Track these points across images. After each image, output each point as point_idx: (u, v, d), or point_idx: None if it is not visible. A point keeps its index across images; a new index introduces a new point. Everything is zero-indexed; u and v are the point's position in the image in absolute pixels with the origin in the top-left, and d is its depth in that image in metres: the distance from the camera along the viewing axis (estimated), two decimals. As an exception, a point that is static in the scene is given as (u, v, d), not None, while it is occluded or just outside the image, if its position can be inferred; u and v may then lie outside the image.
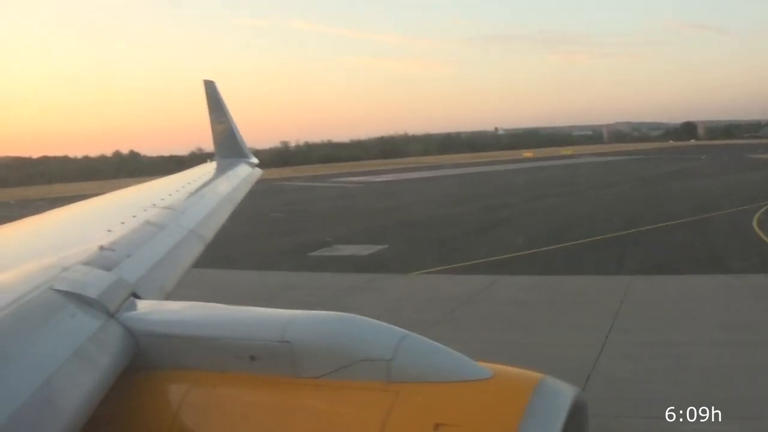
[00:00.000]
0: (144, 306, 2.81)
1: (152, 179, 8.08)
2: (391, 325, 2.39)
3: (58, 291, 2.60)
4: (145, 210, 4.93)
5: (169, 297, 3.41)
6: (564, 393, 2.17)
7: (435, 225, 31.37)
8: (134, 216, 4.62)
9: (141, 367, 2.49)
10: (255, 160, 10.60)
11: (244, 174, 9.01)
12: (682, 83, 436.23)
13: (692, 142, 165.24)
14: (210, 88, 10.80)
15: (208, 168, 9.42)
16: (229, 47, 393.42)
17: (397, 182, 68.17)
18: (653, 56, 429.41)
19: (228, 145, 10.62)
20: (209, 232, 5.26)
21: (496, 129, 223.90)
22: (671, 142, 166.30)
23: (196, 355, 2.44)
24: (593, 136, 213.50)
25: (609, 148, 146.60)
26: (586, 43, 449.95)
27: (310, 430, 2.19)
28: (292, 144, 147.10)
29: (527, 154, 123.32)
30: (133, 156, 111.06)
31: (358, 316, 2.43)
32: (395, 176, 75.72)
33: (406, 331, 2.34)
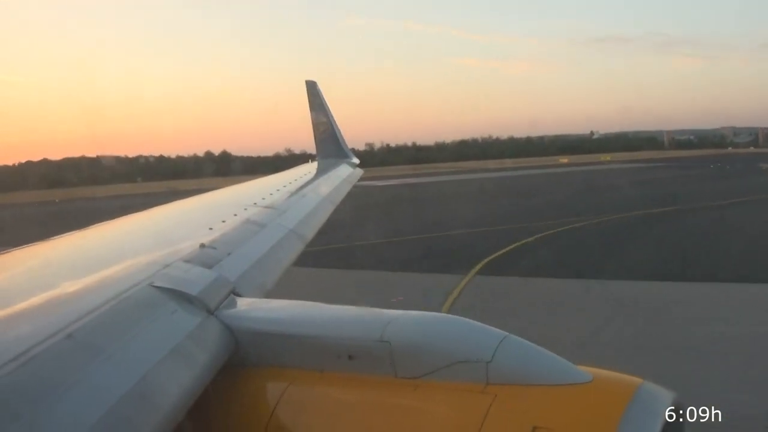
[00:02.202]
0: (243, 304, 2.84)
1: (245, 180, 8.22)
2: (491, 327, 2.36)
3: (159, 288, 2.64)
4: (245, 209, 4.98)
5: (270, 295, 3.42)
6: (662, 398, 2.14)
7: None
8: (235, 215, 4.67)
9: (240, 364, 2.51)
10: (356, 160, 10.68)
11: (345, 174, 8.96)
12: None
13: (751, 149, 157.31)
14: (312, 87, 10.81)
15: (309, 168, 9.36)
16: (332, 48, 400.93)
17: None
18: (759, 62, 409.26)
19: (329, 145, 10.72)
20: (310, 232, 5.26)
21: (591, 133, 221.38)
22: (730, 149, 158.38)
23: (295, 353, 2.46)
24: (689, 141, 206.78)
25: (656, 155, 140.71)
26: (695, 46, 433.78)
27: (407, 430, 2.18)
28: (377, 146, 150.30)
29: (563, 160, 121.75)
30: (225, 156, 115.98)
31: (457, 317, 2.43)
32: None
33: (505, 333, 2.33)
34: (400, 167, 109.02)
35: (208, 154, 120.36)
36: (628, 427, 1.98)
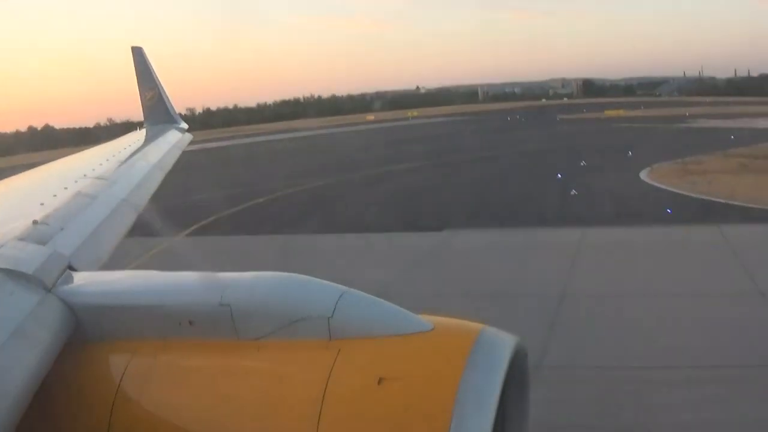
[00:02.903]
0: (80, 279, 2.74)
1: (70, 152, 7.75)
2: (330, 283, 2.37)
3: None
4: (76, 181, 4.86)
5: (106, 268, 3.39)
6: (504, 342, 2.18)
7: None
8: (66, 188, 4.56)
9: (82, 341, 2.43)
10: (184, 125, 10.26)
11: (174, 140, 8.79)
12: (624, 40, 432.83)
13: (564, 100, 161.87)
14: (138, 54, 10.54)
15: (138, 135, 9.14)
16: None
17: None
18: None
19: (157, 111, 10.30)
20: (142, 201, 5.22)
21: (417, 88, 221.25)
22: (544, 101, 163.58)
23: (136, 324, 2.40)
24: (512, 93, 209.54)
25: (468, 109, 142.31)
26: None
27: (253, 391, 2.18)
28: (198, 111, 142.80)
29: (369, 117, 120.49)
30: (48, 130, 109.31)
31: (296, 275, 2.41)
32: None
33: (344, 288, 2.32)
34: (216, 131, 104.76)
35: (32, 129, 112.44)
36: (472, 372, 2.05)
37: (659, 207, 22.17)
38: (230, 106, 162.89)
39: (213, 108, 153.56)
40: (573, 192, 25.91)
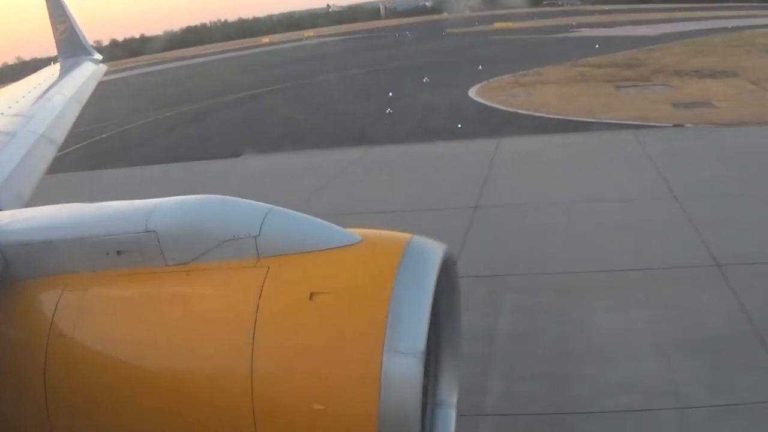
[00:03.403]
0: (5, 216, 2.68)
1: None
2: (254, 202, 2.36)
3: None
4: None
5: (30, 204, 3.29)
6: (433, 250, 2.19)
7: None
8: None
9: (12, 279, 2.39)
10: (98, 56, 9.99)
11: (89, 72, 8.66)
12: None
13: (467, 13, 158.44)
14: None
15: (53, 70, 8.80)
16: None
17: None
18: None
19: (70, 44, 9.92)
20: (60, 135, 5.19)
21: (328, 6, 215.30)
22: (445, 14, 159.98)
23: (64, 258, 2.36)
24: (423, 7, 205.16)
25: (370, 26, 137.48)
26: None
27: (186, 316, 2.17)
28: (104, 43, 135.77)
29: (264, 39, 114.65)
30: None
31: (220, 197, 2.39)
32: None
33: (269, 206, 2.32)
34: (115, 63, 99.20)
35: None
36: (404, 281, 2.06)
37: (457, 121, 21.30)
38: (137, 36, 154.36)
39: (119, 39, 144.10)
40: (388, 111, 25.09)
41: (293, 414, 2.08)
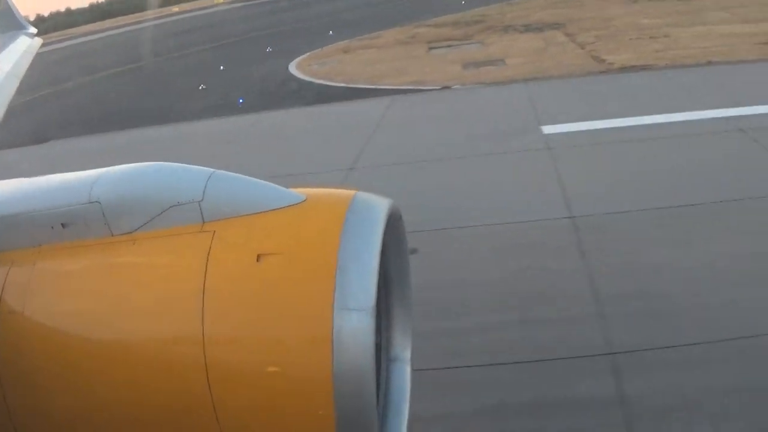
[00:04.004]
0: None
1: None
2: (196, 166, 2.34)
3: None
4: None
5: None
6: (378, 206, 2.20)
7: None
8: None
9: None
10: (33, 30, 9.18)
11: (25, 46, 8.12)
12: None
13: None
14: None
15: None
16: None
17: None
18: None
19: (3, 18, 9.15)
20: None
21: None
22: None
23: (7, 234, 2.33)
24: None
25: None
26: None
27: (133, 286, 2.15)
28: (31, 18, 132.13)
29: (174, 8, 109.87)
30: None
31: (161, 163, 2.36)
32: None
33: (211, 170, 2.29)
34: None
35: None
36: (350, 238, 2.04)
37: (251, 95, 20.50)
38: (62, 9, 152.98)
39: (45, 14, 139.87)
40: (202, 87, 23.90)
41: (247, 378, 2.03)
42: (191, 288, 2.06)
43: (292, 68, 24.47)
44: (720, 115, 11.17)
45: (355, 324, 1.96)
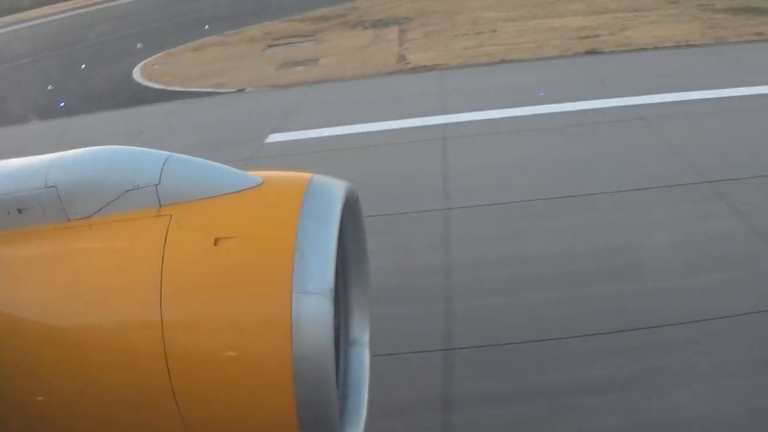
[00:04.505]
0: None
1: None
2: (153, 150, 2.32)
3: None
4: None
5: None
6: (335, 188, 2.20)
7: None
8: None
9: None
10: None
11: None
12: None
13: None
14: None
15: None
16: None
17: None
18: None
19: None
20: None
21: None
22: None
23: None
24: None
25: None
26: None
27: (91, 271, 2.12)
28: None
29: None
30: None
31: (117, 147, 2.35)
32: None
33: (168, 153, 2.28)
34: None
35: None
36: (308, 220, 2.06)
37: (73, 98, 20.03)
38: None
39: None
40: (50, 87, 23.04)
41: (207, 362, 2.03)
42: (149, 273, 2.05)
43: (137, 69, 24.06)
44: (428, 123, 11.29)
45: (314, 307, 1.96)
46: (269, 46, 23.82)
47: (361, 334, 2.57)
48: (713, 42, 16.02)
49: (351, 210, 2.30)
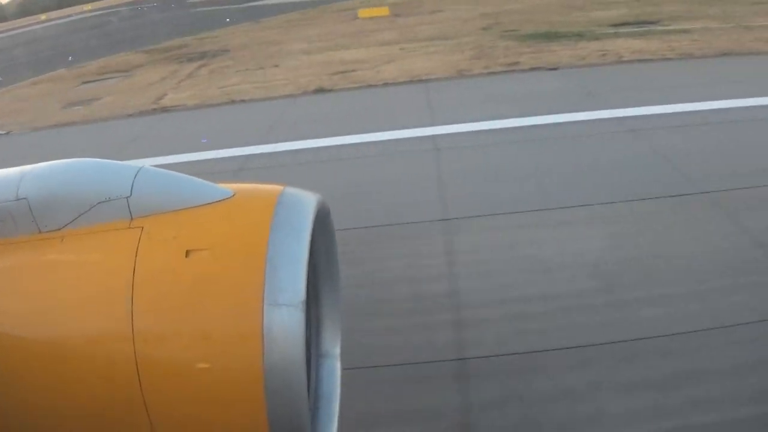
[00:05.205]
0: None
1: None
2: (124, 162, 2.34)
3: None
4: None
5: None
6: (306, 201, 2.20)
7: None
8: None
9: None
10: None
11: None
12: None
13: None
14: None
15: None
16: None
17: None
18: None
19: None
20: None
21: None
22: None
23: None
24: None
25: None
26: None
27: (62, 282, 2.13)
28: None
29: (42, 17, 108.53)
30: None
31: (89, 159, 2.36)
32: None
33: (139, 165, 2.30)
34: None
35: None
36: (279, 233, 2.06)
37: None
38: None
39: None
40: None
41: (179, 374, 2.03)
42: (120, 285, 2.05)
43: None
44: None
45: (286, 319, 1.97)
46: (84, 82, 24.68)
47: (333, 346, 2.57)
48: (458, 75, 17.16)
49: (323, 222, 2.30)
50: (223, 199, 2.22)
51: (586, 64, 16.47)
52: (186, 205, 2.20)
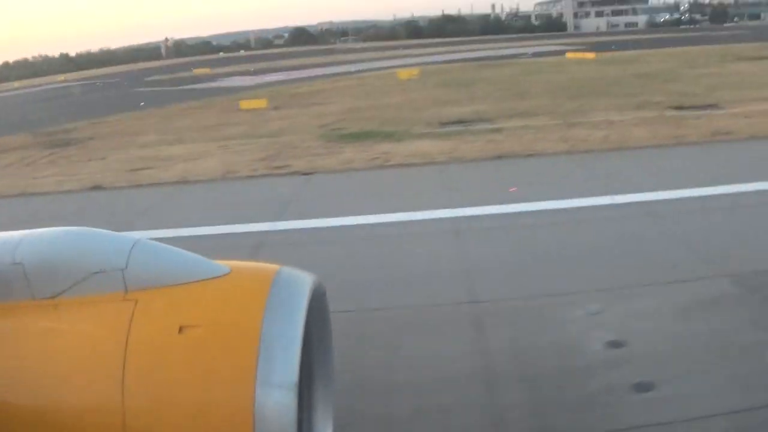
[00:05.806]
0: None
1: None
2: (122, 234, 2.37)
3: None
4: None
5: None
6: (302, 281, 2.22)
7: None
8: None
9: None
10: None
11: None
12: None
13: (241, 52, 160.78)
14: None
15: None
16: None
17: None
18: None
19: None
20: None
21: (166, 39, 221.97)
22: (242, 52, 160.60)
23: None
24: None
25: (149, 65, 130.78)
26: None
27: (54, 351, 2.10)
28: None
29: (16, 84, 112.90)
30: None
31: (87, 229, 2.35)
32: None
33: (136, 238, 2.32)
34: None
35: None
36: (273, 312, 2.07)
37: None
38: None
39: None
40: None
41: None
42: (112, 358, 2.04)
43: None
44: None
45: (278, 400, 1.98)
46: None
47: (324, 427, 2.54)
48: (221, 177, 17.20)
49: (318, 302, 2.28)
50: (219, 276, 2.22)
51: (348, 168, 16.97)
52: (182, 280, 2.19)
